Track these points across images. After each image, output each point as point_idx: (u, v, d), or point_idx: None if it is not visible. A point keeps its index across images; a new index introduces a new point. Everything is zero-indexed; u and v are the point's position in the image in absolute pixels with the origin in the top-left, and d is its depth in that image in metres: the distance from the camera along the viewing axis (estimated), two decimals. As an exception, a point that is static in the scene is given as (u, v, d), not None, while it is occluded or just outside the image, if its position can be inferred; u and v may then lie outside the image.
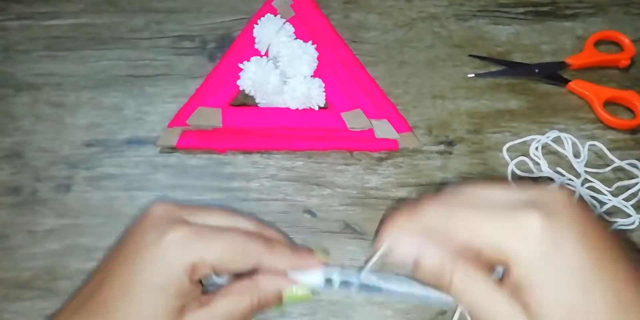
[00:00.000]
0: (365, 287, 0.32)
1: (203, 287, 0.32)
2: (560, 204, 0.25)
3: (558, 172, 0.41)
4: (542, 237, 0.24)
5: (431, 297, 0.30)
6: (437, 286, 0.28)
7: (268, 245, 0.32)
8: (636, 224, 0.40)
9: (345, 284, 0.32)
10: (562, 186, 0.27)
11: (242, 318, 0.32)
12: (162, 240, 0.30)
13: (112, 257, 0.32)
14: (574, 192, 0.27)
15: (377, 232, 0.31)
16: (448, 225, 0.27)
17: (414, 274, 0.28)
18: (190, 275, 0.30)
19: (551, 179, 0.41)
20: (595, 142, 0.43)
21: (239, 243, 0.32)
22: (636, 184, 0.41)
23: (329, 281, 0.32)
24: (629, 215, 0.40)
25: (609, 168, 0.42)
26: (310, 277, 0.32)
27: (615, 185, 0.41)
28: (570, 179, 0.41)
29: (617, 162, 0.42)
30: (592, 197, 0.40)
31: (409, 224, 0.29)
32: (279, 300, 0.32)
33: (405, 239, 0.28)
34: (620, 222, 0.40)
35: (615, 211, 0.40)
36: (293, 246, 0.34)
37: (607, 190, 0.41)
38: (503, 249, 0.25)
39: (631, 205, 0.40)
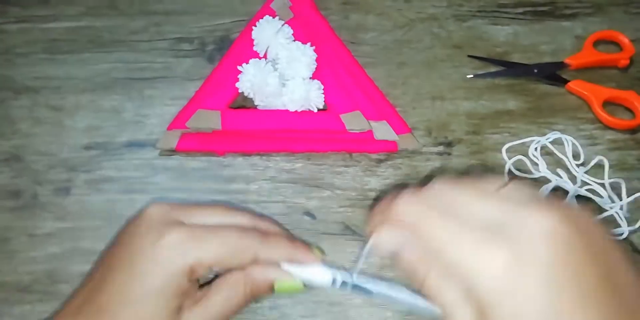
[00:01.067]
0: (356, 288, 0.33)
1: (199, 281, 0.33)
2: (532, 240, 0.23)
3: (557, 173, 0.41)
4: (503, 275, 0.23)
5: (419, 306, 0.31)
6: (411, 282, 0.28)
7: (263, 239, 0.33)
8: (625, 235, 0.39)
9: (337, 282, 0.33)
10: (553, 205, 0.25)
11: (237, 308, 0.33)
12: (159, 244, 0.31)
13: (109, 260, 0.33)
14: (566, 207, 0.26)
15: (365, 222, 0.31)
16: (422, 230, 0.27)
17: (395, 265, 0.29)
18: (189, 276, 0.31)
19: (548, 180, 0.41)
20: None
21: (234, 241, 0.32)
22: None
23: (321, 278, 0.33)
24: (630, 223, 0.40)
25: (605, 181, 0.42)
26: (305, 272, 0.33)
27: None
28: (566, 181, 0.41)
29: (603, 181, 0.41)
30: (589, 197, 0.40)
31: (390, 219, 0.28)
32: (270, 290, 0.33)
33: (386, 233, 0.28)
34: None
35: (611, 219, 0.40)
36: (290, 238, 0.35)
37: (604, 194, 0.40)
38: (466, 274, 0.24)
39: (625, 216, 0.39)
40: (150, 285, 0.30)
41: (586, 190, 0.41)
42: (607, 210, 0.40)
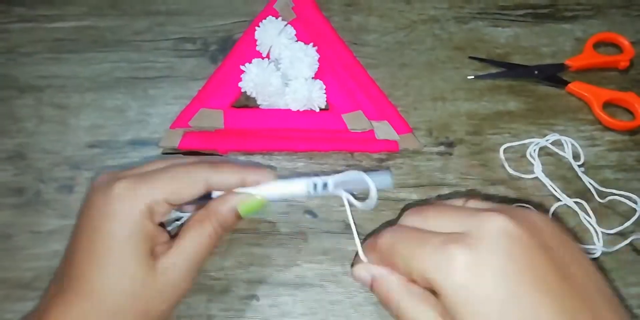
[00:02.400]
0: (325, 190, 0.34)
1: (170, 232, 0.34)
2: (487, 238, 0.26)
3: (551, 176, 0.42)
4: (463, 271, 0.26)
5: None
6: (386, 308, 0.31)
7: (213, 166, 0.33)
8: (597, 254, 0.39)
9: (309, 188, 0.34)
10: (505, 210, 0.29)
11: (210, 245, 0.33)
12: (109, 196, 0.31)
13: (74, 232, 0.33)
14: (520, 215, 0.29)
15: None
16: (392, 253, 0.30)
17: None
18: (150, 218, 0.31)
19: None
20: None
21: (182, 172, 0.33)
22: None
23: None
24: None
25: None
26: (263, 188, 0.34)
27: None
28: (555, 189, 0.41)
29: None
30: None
31: (370, 252, 0.32)
32: (237, 217, 0.34)
33: (360, 268, 0.32)
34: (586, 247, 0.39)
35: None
36: (242, 164, 0.35)
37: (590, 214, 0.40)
38: (431, 279, 0.27)
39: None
40: (113, 236, 0.30)
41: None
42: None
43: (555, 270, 0.26)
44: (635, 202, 0.40)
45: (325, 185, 0.34)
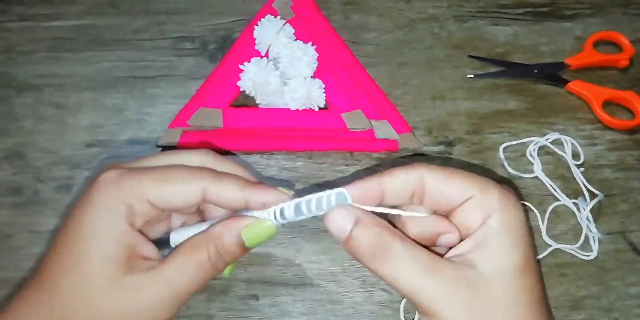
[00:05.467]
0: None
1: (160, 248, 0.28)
2: (503, 202, 0.27)
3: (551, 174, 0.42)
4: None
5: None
6: (364, 263, 0.27)
7: (216, 175, 0.28)
8: (593, 255, 0.39)
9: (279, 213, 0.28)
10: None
11: (203, 277, 0.27)
12: (92, 185, 0.27)
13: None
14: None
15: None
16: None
17: (343, 246, 0.27)
18: (128, 217, 0.26)
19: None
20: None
21: (177, 172, 0.27)
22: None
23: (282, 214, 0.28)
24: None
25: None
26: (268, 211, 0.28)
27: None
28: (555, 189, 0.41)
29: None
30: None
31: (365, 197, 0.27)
32: (241, 247, 0.28)
33: (339, 212, 0.27)
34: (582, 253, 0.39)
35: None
36: (250, 180, 0.29)
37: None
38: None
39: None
40: (83, 228, 0.26)
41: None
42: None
43: (533, 252, 0.27)
44: (635, 202, 0.40)
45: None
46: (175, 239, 0.29)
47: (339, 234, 0.27)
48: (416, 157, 0.43)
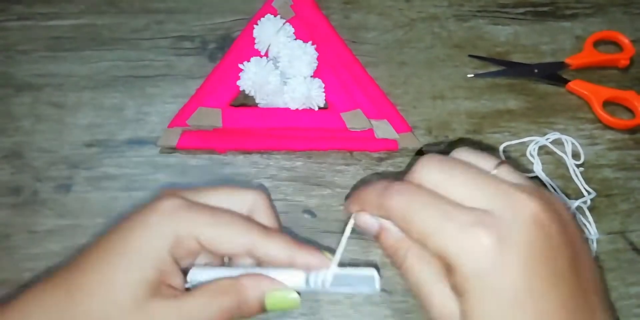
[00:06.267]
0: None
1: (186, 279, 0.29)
2: (517, 224, 0.25)
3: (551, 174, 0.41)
4: (486, 258, 0.25)
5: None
6: (391, 260, 0.29)
7: (265, 232, 0.29)
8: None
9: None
10: (537, 193, 0.26)
11: (217, 317, 0.28)
12: (151, 208, 0.29)
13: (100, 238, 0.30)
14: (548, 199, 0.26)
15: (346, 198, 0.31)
16: (407, 219, 0.27)
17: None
18: (173, 248, 0.28)
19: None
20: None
21: (232, 220, 0.29)
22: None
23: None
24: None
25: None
26: (294, 279, 0.29)
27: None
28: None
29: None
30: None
31: (370, 206, 0.29)
32: (260, 307, 0.29)
33: (366, 215, 0.29)
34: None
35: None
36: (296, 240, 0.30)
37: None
38: (449, 257, 0.25)
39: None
40: (128, 246, 0.27)
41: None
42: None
43: (572, 267, 0.26)
44: (635, 202, 0.40)
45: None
46: (194, 275, 0.30)
47: (369, 232, 0.30)
48: (416, 157, 0.43)
